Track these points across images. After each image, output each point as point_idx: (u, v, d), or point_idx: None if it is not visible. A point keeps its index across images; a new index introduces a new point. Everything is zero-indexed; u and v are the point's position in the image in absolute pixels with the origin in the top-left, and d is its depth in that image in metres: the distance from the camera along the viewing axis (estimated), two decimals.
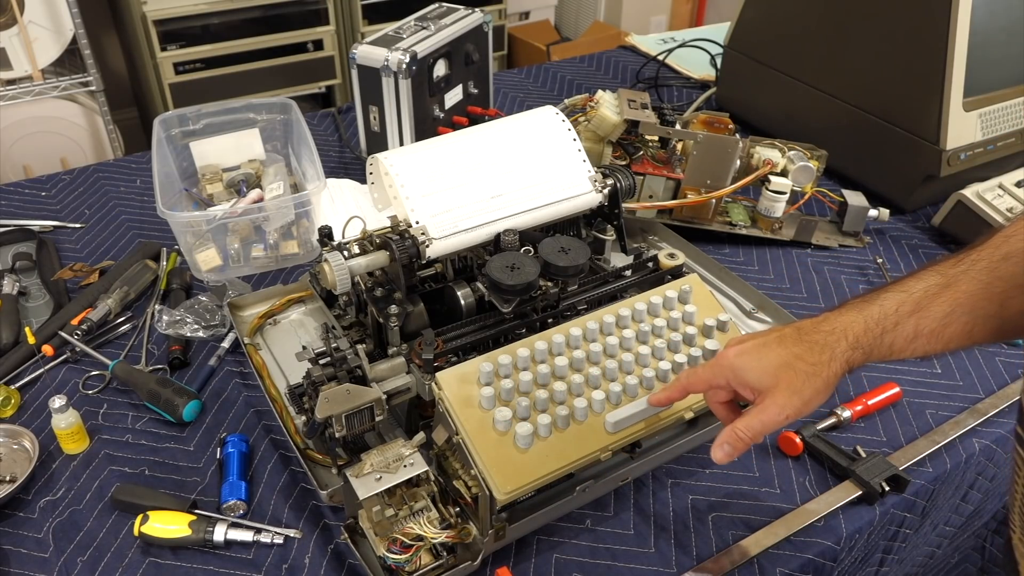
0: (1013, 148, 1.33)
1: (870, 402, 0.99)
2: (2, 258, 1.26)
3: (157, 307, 1.13)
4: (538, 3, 3.68)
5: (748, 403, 0.76)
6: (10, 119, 2.45)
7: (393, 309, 0.87)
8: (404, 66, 1.32)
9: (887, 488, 0.89)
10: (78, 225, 1.34)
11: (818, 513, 0.87)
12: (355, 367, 0.86)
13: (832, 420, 0.97)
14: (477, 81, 1.54)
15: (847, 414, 0.97)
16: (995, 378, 1.06)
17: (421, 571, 0.77)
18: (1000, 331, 0.68)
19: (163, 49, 2.57)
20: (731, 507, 0.89)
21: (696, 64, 1.88)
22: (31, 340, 1.07)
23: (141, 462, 0.94)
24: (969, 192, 1.25)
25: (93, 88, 2.50)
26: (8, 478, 0.91)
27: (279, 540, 0.85)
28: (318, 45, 2.79)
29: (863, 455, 0.92)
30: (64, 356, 1.07)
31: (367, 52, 1.35)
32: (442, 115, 1.45)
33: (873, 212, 1.29)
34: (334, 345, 0.89)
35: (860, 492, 0.89)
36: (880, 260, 1.24)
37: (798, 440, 0.94)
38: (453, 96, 1.48)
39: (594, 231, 1.08)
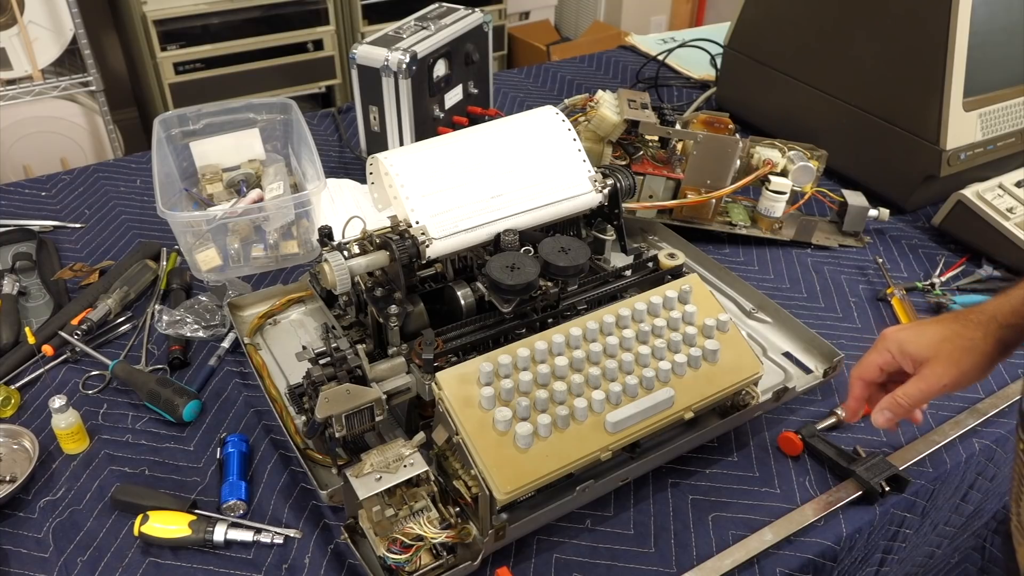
0: (1013, 148, 1.33)
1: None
2: (2, 258, 1.26)
3: (157, 307, 1.13)
4: (538, 3, 3.68)
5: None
6: (10, 119, 2.45)
7: (393, 309, 0.87)
8: (404, 66, 1.32)
9: (887, 488, 0.89)
10: (78, 225, 1.34)
11: (818, 513, 0.87)
12: (355, 367, 0.86)
13: (832, 420, 0.97)
14: (477, 81, 1.54)
15: (845, 413, 0.97)
16: (995, 378, 1.06)
17: (421, 571, 0.77)
18: None
19: (163, 49, 2.56)
20: (731, 507, 0.89)
21: (696, 64, 1.88)
22: (31, 340, 1.07)
23: (141, 462, 0.94)
24: (969, 192, 1.25)
25: (93, 88, 2.50)
26: (8, 478, 0.91)
27: (279, 540, 0.85)
28: (318, 45, 2.79)
29: (863, 455, 0.92)
30: (64, 356, 1.07)
31: (367, 52, 1.35)
32: (442, 115, 1.45)
33: (873, 212, 1.29)
34: (334, 345, 0.89)
35: (860, 492, 0.89)
36: (880, 260, 1.24)
37: (798, 440, 0.94)
38: (453, 96, 1.48)
39: (594, 231, 1.08)
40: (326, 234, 0.97)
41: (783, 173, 1.25)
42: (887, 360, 0.81)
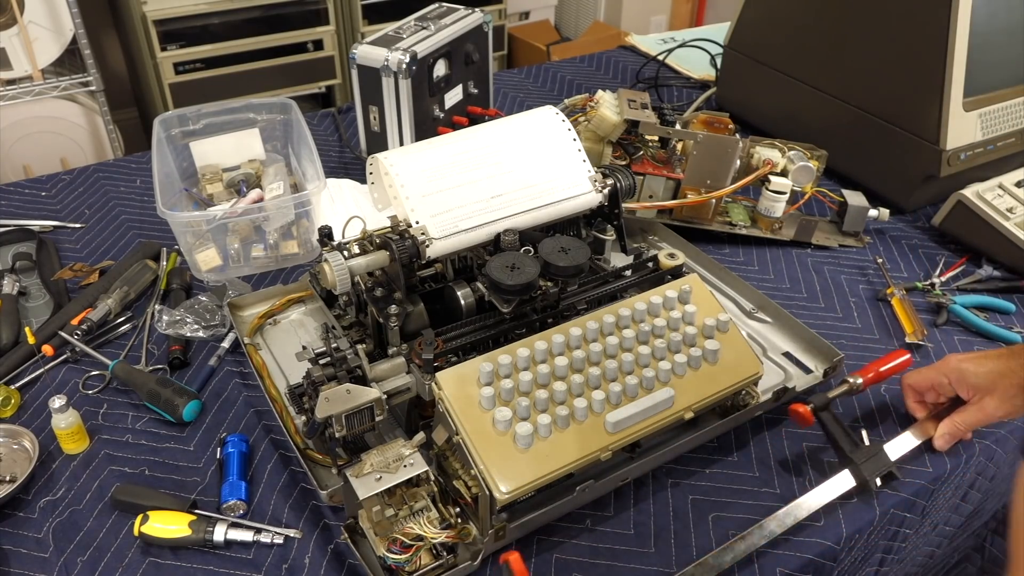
0: (1013, 148, 1.33)
1: (881, 369, 0.99)
2: (2, 258, 1.26)
3: (157, 307, 1.13)
4: (538, 3, 3.68)
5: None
6: (10, 119, 2.45)
7: (393, 309, 0.87)
8: (404, 66, 1.32)
9: (879, 484, 0.89)
10: (78, 225, 1.34)
11: (812, 508, 0.86)
12: (355, 367, 0.86)
13: (844, 388, 0.96)
14: (477, 81, 1.54)
15: (859, 381, 0.96)
16: None
17: (421, 571, 0.77)
18: None
19: (163, 49, 2.57)
20: (731, 507, 0.89)
21: (696, 64, 1.88)
22: (31, 340, 1.07)
23: (141, 462, 0.94)
24: (969, 192, 1.25)
25: (93, 88, 2.50)
26: (8, 478, 0.91)
27: (279, 540, 0.85)
28: (318, 45, 2.79)
29: (867, 443, 0.91)
30: (64, 356, 1.07)
31: (367, 52, 1.35)
32: (442, 115, 1.45)
33: (873, 212, 1.29)
34: (334, 345, 0.89)
35: (855, 484, 0.89)
36: (880, 260, 1.24)
37: (808, 412, 0.92)
38: (453, 96, 1.48)
39: (594, 231, 1.08)
40: (326, 234, 0.97)
41: (783, 173, 1.25)
42: (942, 383, 0.91)
